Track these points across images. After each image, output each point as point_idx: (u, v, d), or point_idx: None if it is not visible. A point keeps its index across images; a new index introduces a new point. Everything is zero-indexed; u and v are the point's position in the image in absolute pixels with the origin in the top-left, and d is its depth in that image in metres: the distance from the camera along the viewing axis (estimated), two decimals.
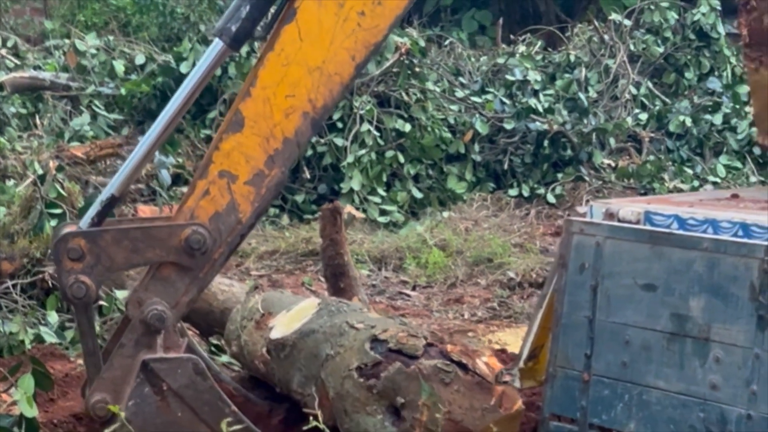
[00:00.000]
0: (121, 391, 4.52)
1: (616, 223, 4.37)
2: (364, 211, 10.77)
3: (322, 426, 4.01)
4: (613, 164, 12.30)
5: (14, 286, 6.76)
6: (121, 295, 6.59)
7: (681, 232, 4.19)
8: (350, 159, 10.99)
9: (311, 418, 4.09)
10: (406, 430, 4.39)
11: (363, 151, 11.05)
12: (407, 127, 11.39)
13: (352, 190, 10.89)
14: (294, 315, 5.29)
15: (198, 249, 4.45)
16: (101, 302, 6.62)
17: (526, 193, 11.69)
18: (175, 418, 4.55)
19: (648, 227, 4.29)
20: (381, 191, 11.05)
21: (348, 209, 10.13)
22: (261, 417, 5.22)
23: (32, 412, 4.96)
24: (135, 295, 4.55)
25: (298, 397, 4.96)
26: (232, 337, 5.70)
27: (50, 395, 5.65)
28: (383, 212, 10.83)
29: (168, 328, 4.51)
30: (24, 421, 4.84)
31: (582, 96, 12.71)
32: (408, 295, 8.51)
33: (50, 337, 6.42)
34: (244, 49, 11.76)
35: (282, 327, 5.24)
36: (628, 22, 13.90)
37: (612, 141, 12.54)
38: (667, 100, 13.58)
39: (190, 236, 4.44)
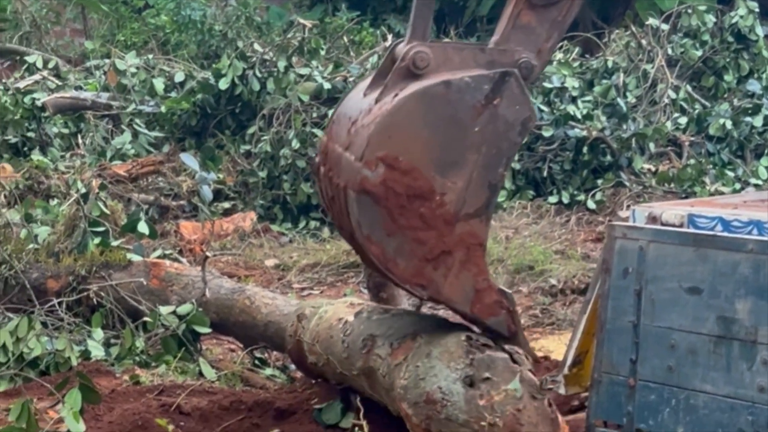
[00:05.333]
0: (451, 66, 4.39)
1: (659, 227, 4.34)
2: None
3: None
4: (653, 169, 12.21)
5: (60, 303, 6.80)
6: (165, 311, 6.62)
7: (725, 234, 4.15)
8: None
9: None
10: (471, 395, 4.45)
11: None
12: None
13: None
14: None
15: None
16: (145, 318, 6.66)
17: (566, 200, 11.62)
18: (468, 123, 4.35)
19: (692, 230, 4.27)
20: None
21: None
22: None
23: (79, 427, 5.00)
24: (496, 47, 4.45)
25: None
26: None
27: (96, 412, 5.66)
28: None
29: (533, 77, 4.43)
30: None
31: (621, 101, 12.63)
32: None
33: (97, 351, 6.44)
34: (282, 64, 11.82)
35: None
36: (665, 27, 13.79)
37: (652, 146, 12.45)
38: (707, 103, 13.47)
39: None
